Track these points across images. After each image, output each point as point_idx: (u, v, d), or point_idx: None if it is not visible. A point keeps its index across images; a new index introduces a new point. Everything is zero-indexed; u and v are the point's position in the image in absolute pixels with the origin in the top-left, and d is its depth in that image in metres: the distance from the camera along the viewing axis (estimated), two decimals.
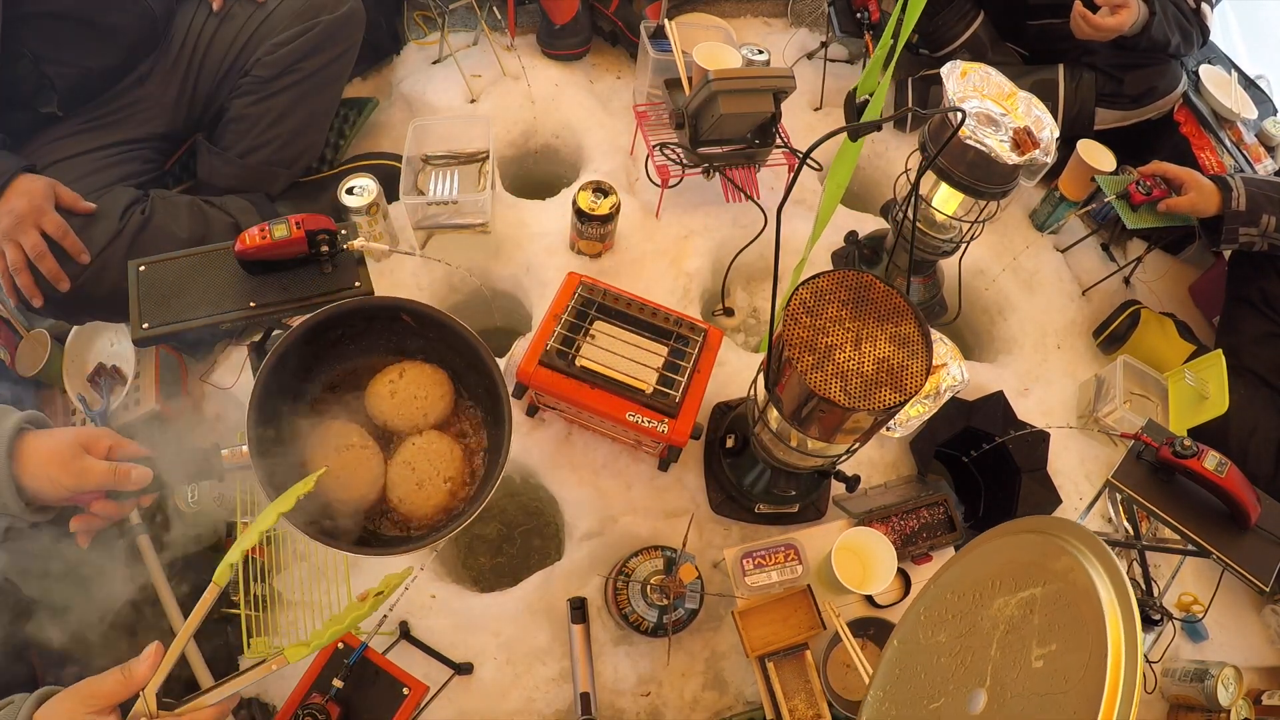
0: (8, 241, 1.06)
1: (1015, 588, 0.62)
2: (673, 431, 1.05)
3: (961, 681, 0.62)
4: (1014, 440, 1.28)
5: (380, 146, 1.58)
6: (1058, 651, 0.55)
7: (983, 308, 1.58)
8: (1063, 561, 0.59)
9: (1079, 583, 0.57)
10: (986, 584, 0.66)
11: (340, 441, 0.89)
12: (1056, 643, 0.56)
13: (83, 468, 0.71)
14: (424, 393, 0.92)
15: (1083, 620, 0.54)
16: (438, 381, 0.94)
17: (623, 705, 1.09)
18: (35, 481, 0.69)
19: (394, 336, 0.95)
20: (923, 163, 1.10)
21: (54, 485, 0.70)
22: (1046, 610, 0.58)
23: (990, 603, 0.64)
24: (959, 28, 1.66)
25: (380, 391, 0.93)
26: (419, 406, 0.92)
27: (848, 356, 0.80)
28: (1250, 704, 1.17)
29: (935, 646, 0.69)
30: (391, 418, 0.92)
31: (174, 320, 0.95)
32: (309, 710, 0.83)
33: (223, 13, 1.31)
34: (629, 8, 1.65)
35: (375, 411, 0.93)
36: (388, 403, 0.92)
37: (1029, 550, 0.64)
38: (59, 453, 0.70)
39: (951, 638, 0.67)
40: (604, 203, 1.28)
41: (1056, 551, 0.61)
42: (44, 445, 0.70)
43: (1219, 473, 0.97)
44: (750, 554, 1.03)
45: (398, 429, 0.93)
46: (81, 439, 0.73)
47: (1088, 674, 0.51)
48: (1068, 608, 0.57)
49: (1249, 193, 1.33)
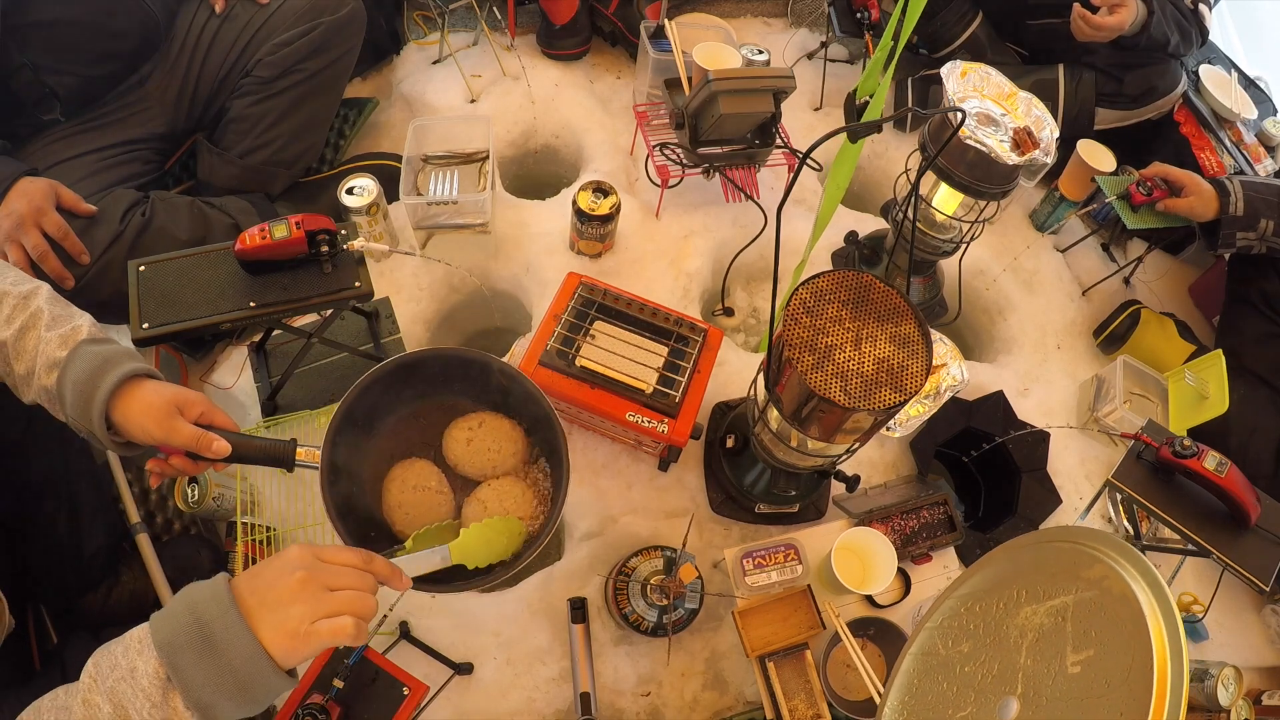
0: (10, 243, 1.06)
1: (1044, 596, 0.63)
2: (673, 431, 1.05)
3: (989, 690, 0.63)
4: (1014, 440, 1.28)
5: (380, 146, 1.58)
6: (1095, 657, 0.56)
7: (983, 308, 1.58)
8: (1096, 569, 0.61)
9: (1115, 589, 0.58)
10: (1011, 594, 0.67)
11: (419, 482, 0.92)
12: (1093, 648, 0.57)
13: (172, 426, 0.75)
14: (498, 446, 0.95)
15: (1121, 624, 0.55)
16: (513, 438, 0.96)
17: (623, 705, 1.09)
18: (128, 423, 0.75)
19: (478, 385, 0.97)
20: (923, 163, 1.10)
21: (144, 433, 0.75)
22: (1081, 617, 0.59)
23: (1017, 612, 0.65)
24: (958, 28, 1.66)
25: (458, 438, 0.95)
26: (490, 459, 0.94)
27: (848, 356, 0.80)
28: (1250, 704, 1.17)
29: (958, 657, 0.69)
30: (463, 464, 0.94)
31: (174, 320, 0.95)
32: (309, 710, 0.83)
33: (224, 14, 1.31)
34: (629, 8, 1.65)
35: (449, 455, 0.95)
36: (463, 449, 0.94)
37: (1057, 560, 0.65)
38: (155, 407, 0.75)
39: (976, 647, 0.68)
40: (604, 203, 1.28)
41: (1088, 560, 0.62)
42: (147, 396, 0.75)
43: (1219, 473, 0.97)
44: (750, 554, 1.03)
45: (467, 475, 0.95)
46: (178, 400, 0.77)
47: (1132, 674, 0.52)
48: (1103, 613, 0.58)
49: (1247, 197, 1.33)
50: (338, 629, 0.60)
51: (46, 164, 1.19)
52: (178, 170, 1.41)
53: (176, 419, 0.76)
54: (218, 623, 0.57)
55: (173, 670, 0.55)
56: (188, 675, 0.55)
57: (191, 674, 0.55)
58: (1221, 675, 1.12)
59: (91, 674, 0.56)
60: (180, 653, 0.56)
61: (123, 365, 0.75)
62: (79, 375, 0.73)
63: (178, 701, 0.55)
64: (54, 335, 0.75)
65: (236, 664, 0.56)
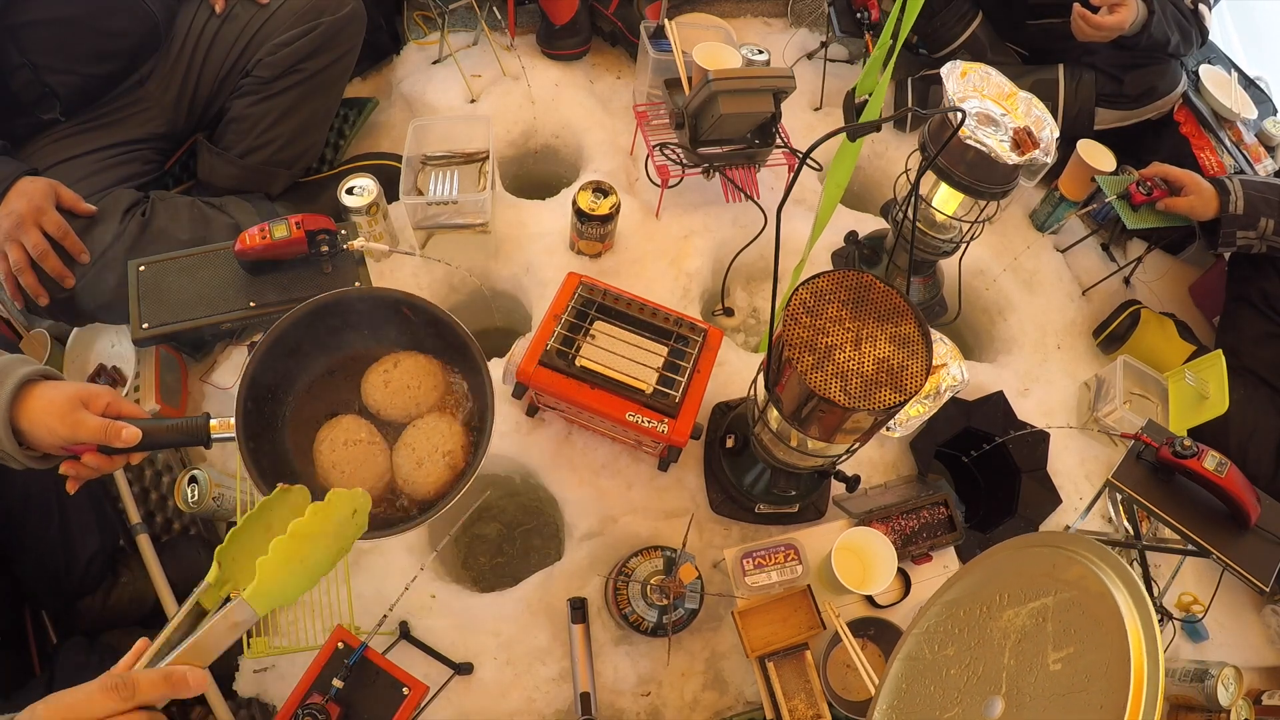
0: (10, 242, 1.06)
1: (1025, 599, 0.65)
2: (673, 431, 1.05)
3: (975, 690, 0.65)
4: (1014, 440, 1.28)
5: (380, 146, 1.58)
6: (1076, 653, 0.58)
7: (983, 308, 1.58)
8: (1074, 571, 0.63)
9: (1092, 588, 0.60)
10: (993, 598, 0.69)
11: (349, 437, 0.90)
12: (1073, 645, 0.59)
13: (77, 420, 0.74)
14: (416, 382, 0.94)
15: (1099, 621, 0.57)
16: (430, 370, 0.95)
17: (623, 705, 1.09)
18: (34, 428, 0.74)
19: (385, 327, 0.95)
20: (923, 163, 1.10)
21: (50, 434, 0.74)
22: (1060, 617, 0.61)
23: (999, 615, 0.67)
24: (958, 28, 1.66)
25: (375, 382, 0.94)
26: (411, 395, 0.93)
27: (848, 356, 0.80)
28: (1250, 704, 1.17)
29: (944, 660, 0.71)
30: (385, 408, 0.93)
31: (174, 320, 0.96)
32: (309, 710, 0.83)
33: (224, 14, 1.31)
34: (629, 8, 1.65)
35: (371, 403, 0.94)
36: (382, 393, 0.93)
37: (1037, 563, 0.67)
38: (58, 404, 0.74)
39: (960, 650, 0.69)
40: (604, 203, 1.28)
41: (1066, 562, 0.64)
42: (48, 395, 0.74)
43: (1219, 473, 0.97)
44: (750, 554, 1.03)
45: (392, 419, 0.94)
46: (82, 394, 0.76)
47: (1111, 668, 0.54)
48: (1082, 612, 0.60)
49: (1247, 196, 1.33)
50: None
51: (47, 164, 1.19)
52: (178, 170, 1.41)
53: (80, 412, 0.75)
54: None
55: None
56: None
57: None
58: (1221, 675, 1.12)
59: None
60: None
61: (17, 371, 0.74)
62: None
63: None
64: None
65: None
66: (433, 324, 0.92)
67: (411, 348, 0.96)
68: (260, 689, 1.06)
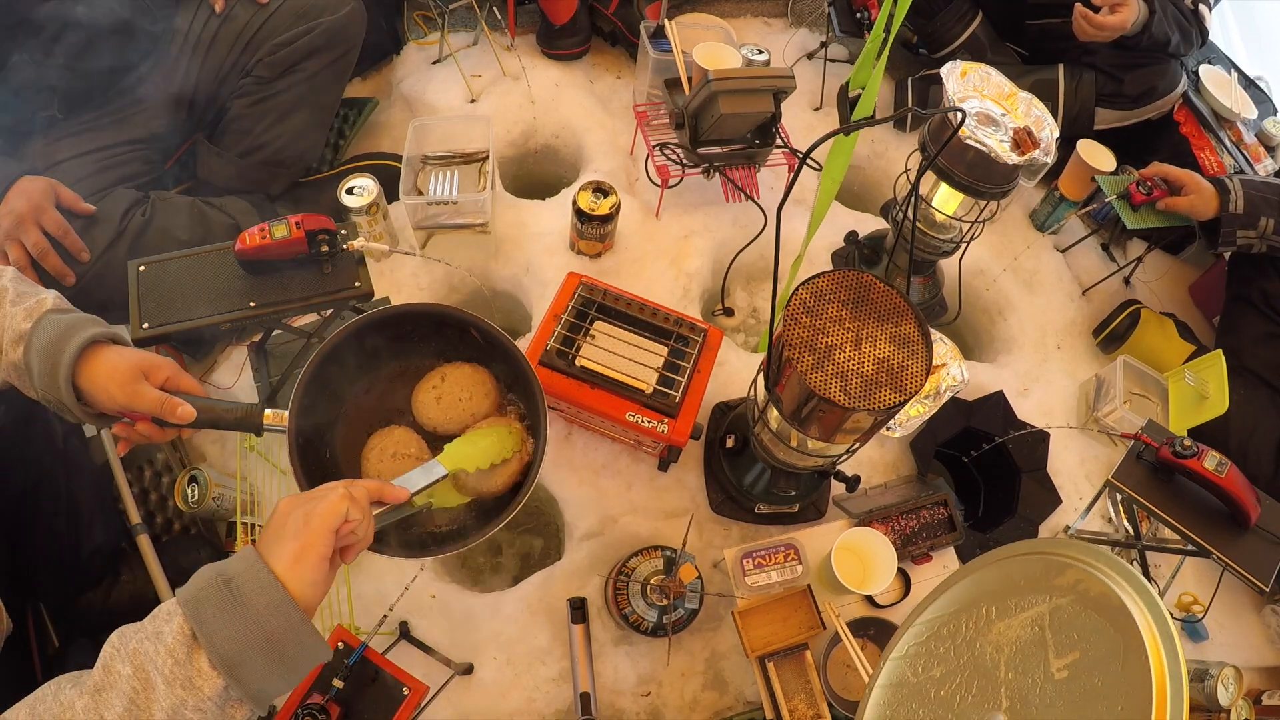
0: (10, 241, 1.06)
1: (1016, 610, 0.64)
2: (673, 431, 1.05)
3: (971, 710, 0.63)
4: (1014, 440, 1.28)
5: (380, 146, 1.58)
6: (1082, 658, 0.56)
7: (983, 308, 1.58)
8: (1068, 575, 0.61)
9: (1092, 590, 0.58)
10: (980, 613, 0.67)
11: (398, 449, 0.90)
12: (1078, 650, 0.57)
13: (136, 390, 0.75)
14: (468, 393, 0.93)
15: (1104, 622, 0.56)
16: (479, 380, 0.95)
17: (623, 705, 1.09)
18: (94, 389, 0.74)
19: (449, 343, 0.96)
20: (923, 163, 1.10)
21: (109, 398, 0.75)
22: (1059, 623, 0.60)
23: (989, 630, 0.65)
24: (958, 28, 1.66)
25: (425, 400, 0.93)
26: (465, 408, 0.92)
27: (848, 356, 0.80)
28: (1250, 704, 1.17)
29: (931, 682, 0.69)
30: (440, 422, 0.93)
31: (174, 320, 0.95)
32: (309, 710, 0.83)
33: (224, 14, 1.31)
34: (629, 8, 1.65)
35: (425, 419, 0.93)
36: (434, 408, 0.93)
37: (1024, 572, 0.66)
38: (120, 372, 0.75)
39: (949, 671, 0.67)
40: (604, 203, 1.28)
41: (1058, 568, 0.62)
42: (112, 360, 0.75)
43: (1219, 473, 0.97)
44: (750, 554, 1.03)
45: (450, 432, 0.93)
46: (144, 365, 0.77)
47: (1127, 666, 0.53)
48: (1084, 616, 0.58)
49: (1247, 195, 1.33)
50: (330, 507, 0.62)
51: (46, 164, 1.19)
52: (178, 170, 1.41)
53: (141, 383, 0.75)
54: (244, 575, 0.56)
55: (198, 625, 0.53)
56: (213, 629, 0.53)
57: (217, 627, 0.53)
58: (1221, 675, 1.12)
59: (114, 644, 0.55)
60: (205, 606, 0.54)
61: (87, 330, 0.75)
62: (44, 343, 0.73)
63: (202, 660, 0.53)
64: (19, 310, 0.75)
65: (264, 615, 0.54)
66: (494, 349, 0.93)
67: (458, 360, 0.96)
68: None
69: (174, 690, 0.52)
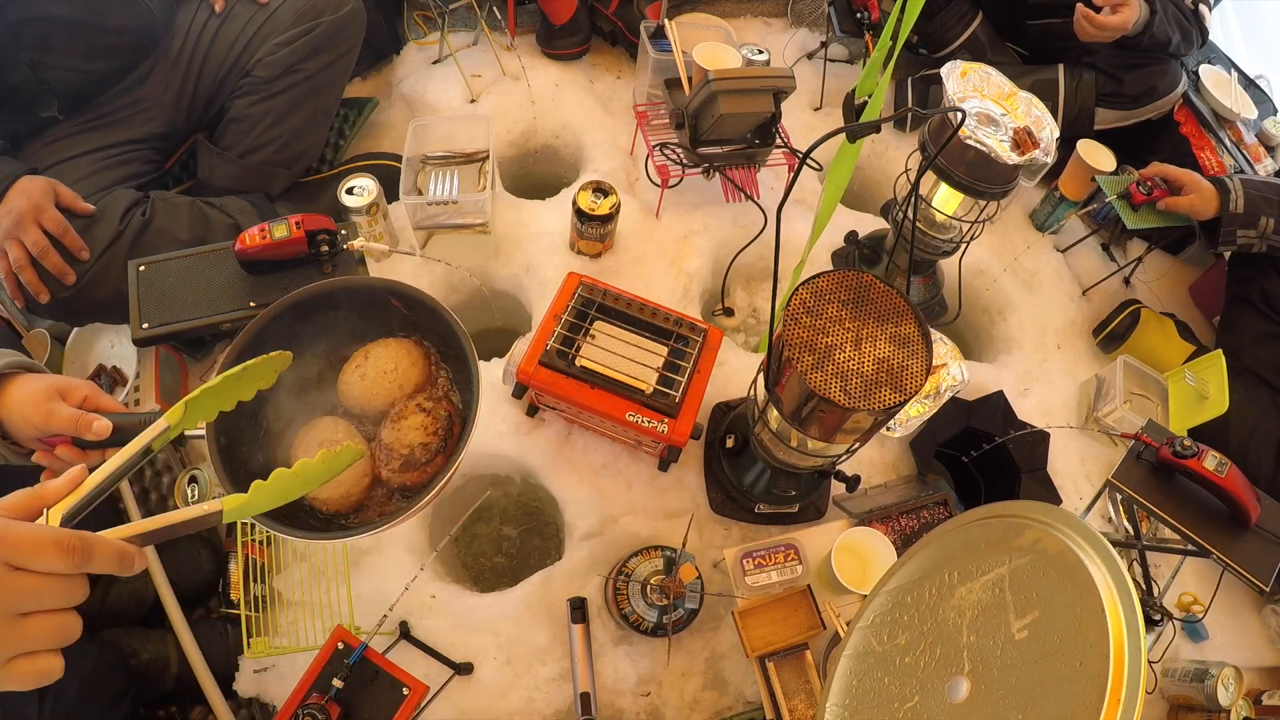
0: (10, 240, 1.06)
1: (978, 573, 0.64)
2: (673, 431, 1.05)
3: (935, 675, 0.63)
4: (1014, 440, 1.28)
5: (380, 146, 1.58)
6: (1042, 617, 0.57)
7: (983, 308, 1.58)
8: (1026, 535, 0.62)
9: (1050, 549, 0.59)
10: (943, 578, 0.68)
11: (327, 437, 0.85)
12: (1038, 610, 0.57)
13: (50, 410, 0.74)
14: (393, 364, 0.87)
15: (1062, 579, 0.56)
16: (405, 350, 0.89)
17: (623, 705, 1.09)
18: (11, 417, 0.75)
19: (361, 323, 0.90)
20: (923, 163, 1.10)
21: (25, 423, 0.74)
22: (1019, 584, 0.60)
23: (951, 594, 0.66)
24: (958, 29, 1.66)
25: (349, 380, 0.88)
26: (393, 380, 0.87)
27: (848, 356, 0.80)
28: (1250, 704, 1.17)
29: (895, 650, 0.69)
30: (367, 401, 0.87)
31: (174, 320, 0.95)
32: (309, 710, 0.83)
33: (224, 13, 1.31)
34: (629, 8, 1.65)
35: (352, 401, 0.88)
36: (359, 387, 0.87)
37: (984, 536, 0.66)
38: (35, 393, 0.75)
39: (914, 637, 0.68)
40: (604, 203, 1.28)
41: (1017, 529, 0.63)
42: (28, 385, 0.75)
43: (1219, 473, 0.97)
44: (750, 554, 1.03)
45: (379, 409, 0.87)
46: (59, 385, 0.76)
47: (1084, 620, 0.53)
48: (1042, 574, 0.58)
49: (1247, 195, 1.33)
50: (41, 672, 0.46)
51: (46, 164, 1.19)
52: (178, 170, 1.41)
53: (56, 402, 0.75)
54: None
55: None
56: None
57: None
58: (1221, 675, 1.12)
59: None
60: None
61: None
62: None
63: None
64: None
65: None
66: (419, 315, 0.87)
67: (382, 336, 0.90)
68: (260, 689, 1.06)
69: None
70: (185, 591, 1.09)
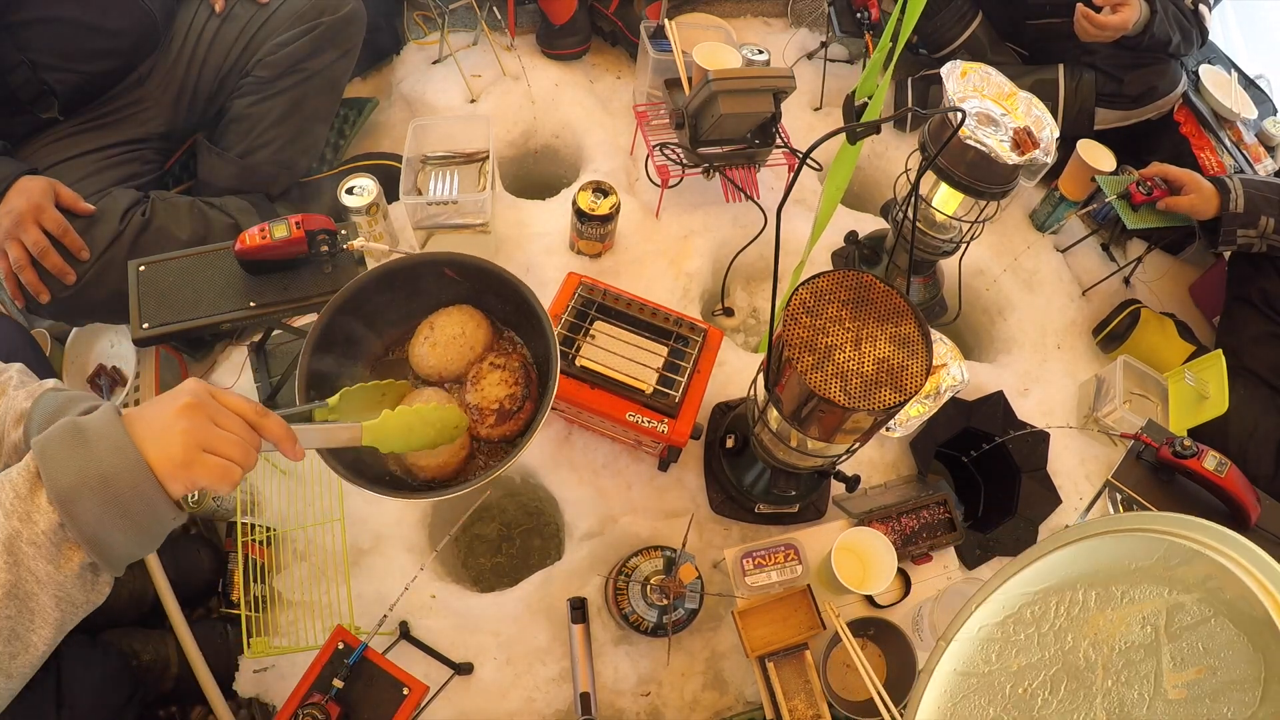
0: (10, 240, 1.06)
1: (1123, 600, 0.53)
2: (673, 431, 1.05)
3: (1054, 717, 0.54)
4: (1014, 440, 1.28)
5: (380, 146, 1.58)
6: (1207, 679, 0.46)
7: (983, 308, 1.58)
8: (1196, 567, 0.49)
9: (1227, 591, 0.46)
10: (1075, 595, 0.56)
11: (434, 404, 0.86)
12: (1202, 667, 0.46)
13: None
14: (460, 329, 0.90)
15: (1240, 638, 0.45)
16: (469, 315, 0.92)
17: (623, 705, 1.09)
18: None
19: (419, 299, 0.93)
20: (923, 163, 1.10)
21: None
22: (1180, 628, 0.49)
23: (1086, 620, 0.55)
24: (957, 29, 1.66)
25: (421, 351, 0.90)
26: (464, 342, 0.90)
27: (848, 356, 0.80)
28: None
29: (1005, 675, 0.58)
30: (445, 365, 0.89)
31: (174, 320, 0.95)
32: (309, 710, 0.83)
33: (224, 13, 1.31)
34: (629, 8, 1.65)
35: (428, 369, 0.90)
36: (432, 355, 0.90)
37: (1138, 553, 0.53)
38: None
39: (1031, 663, 0.56)
40: (604, 203, 1.28)
41: (1184, 555, 0.50)
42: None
43: (1219, 473, 0.97)
44: (750, 554, 1.03)
45: (456, 373, 0.90)
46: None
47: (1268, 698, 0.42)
48: (1215, 624, 0.47)
49: (1247, 194, 1.33)
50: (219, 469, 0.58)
51: (46, 164, 1.19)
52: (178, 170, 1.41)
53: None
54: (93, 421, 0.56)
55: (42, 463, 0.54)
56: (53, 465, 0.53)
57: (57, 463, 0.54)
58: None
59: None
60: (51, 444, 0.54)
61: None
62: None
63: (41, 496, 0.53)
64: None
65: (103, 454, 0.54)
66: (475, 280, 0.91)
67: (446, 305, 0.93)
68: (260, 689, 1.06)
69: (10, 521, 0.53)
70: (185, 591, 1.09)
